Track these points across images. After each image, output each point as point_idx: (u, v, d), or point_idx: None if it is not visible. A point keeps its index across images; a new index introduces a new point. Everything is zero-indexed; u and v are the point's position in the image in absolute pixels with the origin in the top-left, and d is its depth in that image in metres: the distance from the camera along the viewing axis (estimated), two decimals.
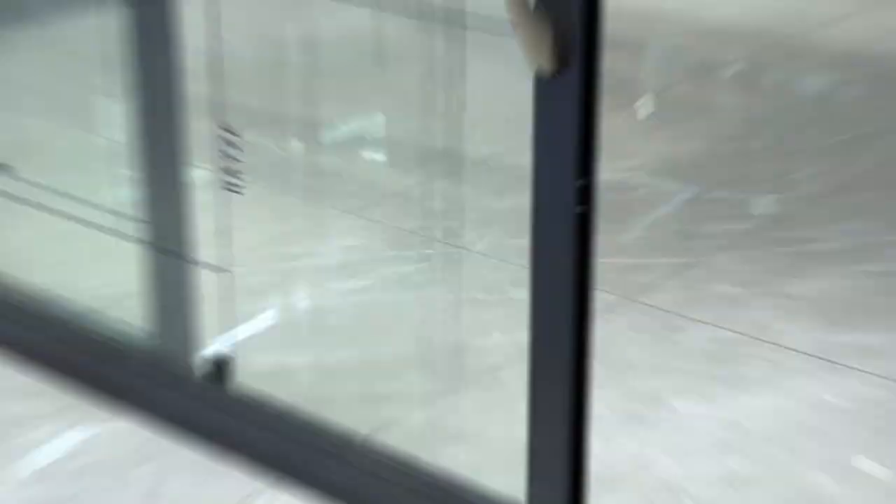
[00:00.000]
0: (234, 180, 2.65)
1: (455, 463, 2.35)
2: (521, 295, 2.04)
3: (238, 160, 2.66)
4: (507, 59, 1.99)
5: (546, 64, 1.87)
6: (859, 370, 2.74)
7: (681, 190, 3.57)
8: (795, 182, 3.62)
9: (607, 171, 3.56)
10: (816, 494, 2.38)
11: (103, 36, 2.65)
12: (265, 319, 2.94)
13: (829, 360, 2.78)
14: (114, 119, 2.73)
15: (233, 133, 2.66)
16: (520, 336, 2.08)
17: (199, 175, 2.63)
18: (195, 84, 2.65)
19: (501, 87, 2.71)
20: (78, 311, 2.78)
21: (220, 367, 2.56)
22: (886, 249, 3.24)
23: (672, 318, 2.95)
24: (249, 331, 2.82)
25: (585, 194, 1.95)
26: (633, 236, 3.31)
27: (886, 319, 2.94)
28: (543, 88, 1.91)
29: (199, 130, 2.62)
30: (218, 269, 2.57)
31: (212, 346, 2.60)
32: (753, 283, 3.09)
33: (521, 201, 2.03)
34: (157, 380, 2.60)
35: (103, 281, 2.82)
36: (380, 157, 3.82)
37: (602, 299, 2.93)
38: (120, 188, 2.73)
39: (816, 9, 5.08)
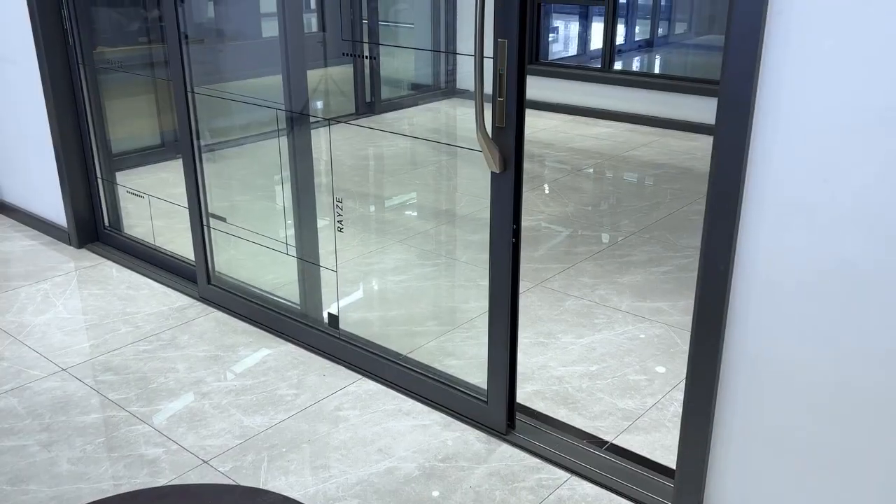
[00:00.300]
0: (339, 225, 2.68)
1: (451, 368, 2.34)
2: (484, 283, 2.03)
3: (341, 215, 2.70)
4: (478, 164, 1.97)
5: (497, 167, 1.87)
6: (652, 320, 2.72)
7: (564, 230, 3.52)
8: (621, 226, 3.56)
9: (526, 220, 3.65)
10: (633, 382, 2.36)
11: (276, 151, 2.65)
12: (355, 295, 2.88)
13: (638, 315, 2.76)
14: (281, 194, 2.70)
15: (339, 201, 2.71)
16: (483, 303, 2.06)
17: (323, 222, 2.61)
18: (320, 177, 2.65)
19: (475, 179, 2.74)
20: (263, 292, 2.76)
21: (334, 319, 2.56)
22: (668, 261, 3.19)
23: (559, 294, 2.91)
24: (347, 301, 2.77)
25: (516, 232, 1.94)
26: (540, 254, 3.26)
27: (667, 295, 2.90)
28: (496, 180, 1.91)
29: (323, 200, 2.61)
30: (331, 270, 2.56)
31: (329, 309, 2.58)
32: (600, 277, 3.05)
33: (484, 236, 2.00)
34: (303, 325, 2.57)
35: (275, 276, 2.76)
36: (413, 213, 3.82)
37: (524, 285, 2.99)
38: (284, 230, 2.68)
39: (630, 139, 5.05)
